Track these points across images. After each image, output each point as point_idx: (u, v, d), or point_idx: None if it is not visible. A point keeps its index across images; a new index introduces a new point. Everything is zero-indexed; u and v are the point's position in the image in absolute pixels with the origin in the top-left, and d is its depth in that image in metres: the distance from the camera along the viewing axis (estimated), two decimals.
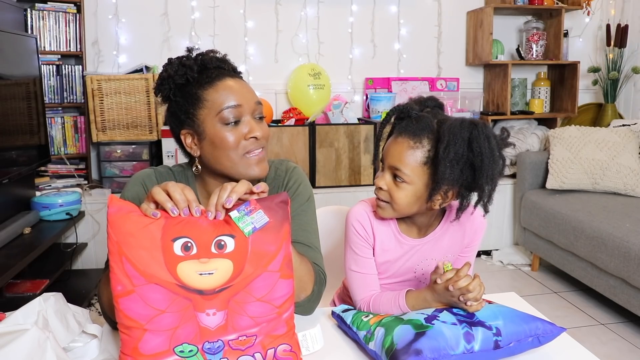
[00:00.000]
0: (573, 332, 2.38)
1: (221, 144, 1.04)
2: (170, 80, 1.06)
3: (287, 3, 3.35)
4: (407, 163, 1.02)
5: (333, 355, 0.97)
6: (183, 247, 0.82)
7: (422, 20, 3.57)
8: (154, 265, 0.81)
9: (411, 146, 1.02)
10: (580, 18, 3.78)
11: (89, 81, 2.85)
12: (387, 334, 0.91)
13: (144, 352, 0.81)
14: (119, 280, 0.81)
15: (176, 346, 0.82)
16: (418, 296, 1.02)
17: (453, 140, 0.97)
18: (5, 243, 2.15)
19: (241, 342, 0.85)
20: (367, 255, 1.11)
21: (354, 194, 3.10)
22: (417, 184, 1.02)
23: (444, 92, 3.54)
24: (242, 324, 0.85)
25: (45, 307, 0.89)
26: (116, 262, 0.81)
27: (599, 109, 3.73)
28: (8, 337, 0.78)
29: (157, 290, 0.81)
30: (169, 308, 0.81)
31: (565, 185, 2.99)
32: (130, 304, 0.80)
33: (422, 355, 0.84)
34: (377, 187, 1.07)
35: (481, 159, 0.97)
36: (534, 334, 0.93)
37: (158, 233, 0.82)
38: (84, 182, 3.00)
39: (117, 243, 0.81)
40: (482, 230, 1.15)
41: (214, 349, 0.84)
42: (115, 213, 0.83)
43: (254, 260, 0.85)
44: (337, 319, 1.05)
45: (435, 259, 1.13)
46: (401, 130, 1.04)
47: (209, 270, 0.82)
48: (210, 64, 1.08)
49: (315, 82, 3.21)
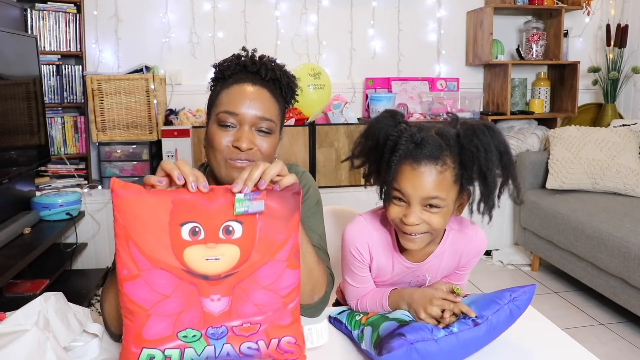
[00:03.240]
0: (573, 332, 2.38)
1: (211, 142, 1.08)
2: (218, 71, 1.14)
3: (287, 3, 3.35)
4: (440, 189, 0.96)
5: (333, 355, 0.97)
6: (191, 232, 0.82)
7: (422, 20, 3.57)
8: (161, 250, 0.81)
9: (439, 171, 0.96)
10: (580, 18, 3.78)
11: (89, 81, 2.85)
12: (374, 331, 0.93)
13: (148, 337, 0.81)
14: (125, 264, 0.80)
15: (180, 331, 0.82)
16: (394, 299, 1.04)
17: (490, 149, 0.95)
18: (5, 243, 2.15)
19: (245, 329, 0.85)
20: (364, 274, 1.10)
21: (354, 194, 3.10)
22: (450, 203, 0.99)
23: (444, 92, 3.54)
24: (247, 311, 0.85)
25: (46, 307, 0.89)
26: (122, 246, 0.80)
27: (599, 109, 3.73)
28: (8, 337, 0.78)
29: (163, 276, 0.81)
30: (173, 293, 0.81)
31: (565, 185, 2.99)
32: (135, 289, 0.80)
33: (405, 338, 0.86)
34: (411, 225, 0.97)
35: (508, 157, 0.98)
36: (508, 301, 0.92)
37: (166, 217, 0.82)
38: (84, 182, 3.00)
39: (124, 227, 0.81)
40: (481, 253, 1.13)
41: (217, 335, 0.84)
42: (120, 196, 0.81)
43: (262, 248, 0.85)
44: (334, 322, 1.06)
45: (430, 275, 1.12)
46: (417, 157, 0.96)
47: (215, 256, 0.82)
48: (251, 68, 1.12)
49: (315, 82, 3.21)
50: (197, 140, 2.91)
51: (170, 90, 3.26)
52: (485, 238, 1.10)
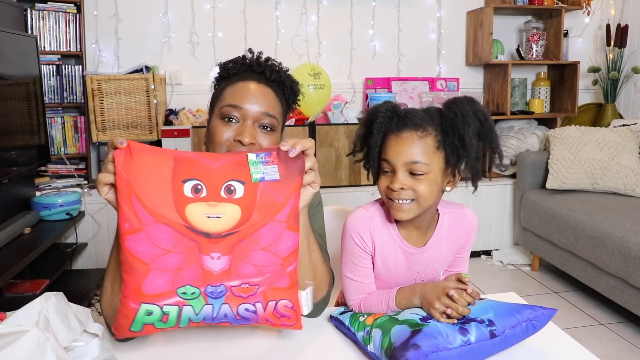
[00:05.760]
0: (573, 332, 2.38)
1: (212, 135, 1.08)
2: (224, 70, 1.14)
3: (287, 3, 3.35)
4: (422, 153, 1.01)
5: (333, 356, 0.97)
6: (193, 189, 0.83)
7: (422, 20, 3.57)
8: (163, 205, 0.81)
9: (420, 136, 1.01)
10: (580, 18, 3.78)
11: (89, 81, 2.85)
12: (385, 335, 0.91)
13: (147, 292, 0.81)
14: (127, 218, 0.81)
15: (179, 287, 0.82)
16: (405, 296, 1.03)
17: (467, 114, 1.00)
18: (5, 243, 2.15)
19: (244, 290, 0.85)
20: (366, 265, 1.09)
21: (354, 194, 3.10)
22: (435, 170, 1.02)
23: (444, 92, 3.54)
24: (246, 272, 0.85)
25: (46, 307, 0.88)
26: (125, 200, 0.81)
27: (599, 109, 3.73)
28: (8, 338, 0.78)
29: (164, 230, 0.81)
30: (174, 248, 0.82)
31: (565, 185, 2.99)
32: (136, 242, 0.81)
33: (421, 350, 0.85)
34: (397, 190, 1.01)
35: (488, 124, 1.02)
36: (527, 319, 0.94)
37: (168, 174, 0.83)
38: (84, 182, 3.00)
39: (127, 181, 0.81)
40: (475, 229, 1.16)
41: (216, 293, 0.84)
42: (122, 152, 0.83)
43: (262, 209, 0.85)
44: (335, 322, 1.06)
45: (436, 265, 1.13)
46: (400, 127, 1.02)
47: (217, 214, 0.83)
48: (256, 68, 1.13)
49: (315, 82, 3.21)
50: (197, 140, 2.91)
51: (170, 90, 3.26)
52: (475, 215, 1.16)
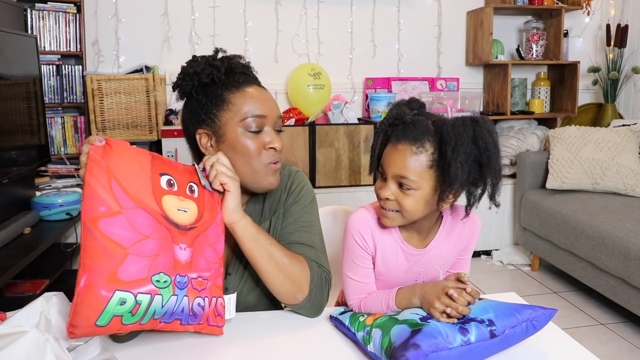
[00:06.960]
0: (573, 332, 2.38)
1: (242, 149, 1.04)
2: (195, 77, 1.06)
3: (287, 3, 3.35)
4: (412, 169, 0.98)
5: (333, 356, 0.97)
6: (167, 183, 0.92)
7: (422, 20, 3.57)
8: (144, 192, 0.88)
9: (414, 152, 0.98)
10: (580, 18, 3.78)
11: (89, 81, 2.85)
12: (384, 335, 0.91)
13: (123, 278, 0.82)
14: (103, 201, 0.83)
15: (154, 274, 0.85)
16: (405, 296, 1.03)
17: (460, 140, 0.94)
18: (5, 243, 2.15)
19: (199, 283, 0.93)
20: (367, 265, 1.09)
21: (354, 194, 3.10)
22: (425, 188, 0.99)
23: (444, 92, 3.54)
24: (201, 265, 0.94)
25: (47, 307, 0.89)
26: (102, 184, 0.84)
27: (599, 109, 3.73)
28: (7, 339, 0.78)
29: (144, 216, 0.86)
30: (152, 235, 0.86)
31: (565, 185, 2.99)
32: (114, 226, 0.83)
33: (421, 350, 0.85)
34: (383, 198, 1.01)
35: (488, 154, 0.95)
36: (527, 319, 0.94)
37: (147, 165, 0.91)
38: None
39: (107, 167, 0.85)
40: (478, 231, 1.14)
41: (182, 284, 0.90)
42: (101, 147, 0.87)
43: (209, 210, 0.98)
44: (335, 322, 1.06)
45: (437, 267, 1.12)
46: (399, 137, 0.99)
47: (184, 208, 0.93)
48: (237, 69, 1.10)
49: (315, 82, 3.21)
50: None
51: (170, 90, 3.26)
52: (478, 217, 1.14)
